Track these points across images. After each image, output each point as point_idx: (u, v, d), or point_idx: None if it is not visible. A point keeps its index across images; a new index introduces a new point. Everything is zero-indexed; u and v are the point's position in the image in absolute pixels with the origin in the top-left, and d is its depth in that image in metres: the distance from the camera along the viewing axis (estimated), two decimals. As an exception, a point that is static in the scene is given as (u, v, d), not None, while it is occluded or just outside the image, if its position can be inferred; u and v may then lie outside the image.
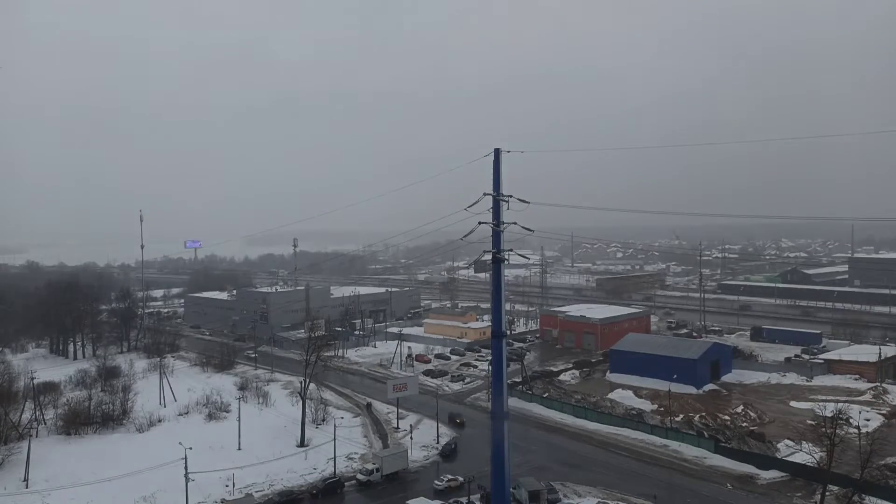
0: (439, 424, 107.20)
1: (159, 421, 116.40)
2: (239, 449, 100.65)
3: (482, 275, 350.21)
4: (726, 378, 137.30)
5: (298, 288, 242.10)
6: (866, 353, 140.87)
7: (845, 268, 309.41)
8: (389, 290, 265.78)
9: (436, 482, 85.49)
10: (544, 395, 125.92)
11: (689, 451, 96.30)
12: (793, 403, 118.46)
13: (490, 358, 77.06)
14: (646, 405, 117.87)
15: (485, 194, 64.01)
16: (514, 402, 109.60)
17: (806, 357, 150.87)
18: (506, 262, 65.36)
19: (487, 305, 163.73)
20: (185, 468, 77.20)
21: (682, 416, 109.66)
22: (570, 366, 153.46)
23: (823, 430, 75.84)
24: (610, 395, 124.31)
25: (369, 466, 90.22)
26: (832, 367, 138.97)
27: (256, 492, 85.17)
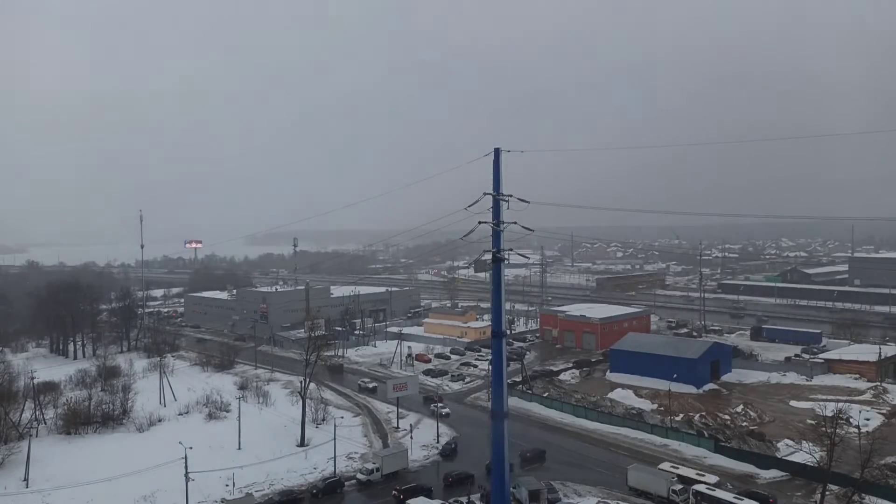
0: (439, 424, 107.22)
1: (159, 421, 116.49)
2: (239, 448, 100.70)
3: (482, 274, 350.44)
4: (726, 377, 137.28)
5: (298, 288, 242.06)
6: (866, 352, 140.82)
7: (845, 267, 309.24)
8: (389, 289, 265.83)
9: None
10: (544, 395, 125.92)
11: (689, 450, 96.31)
12: (793, 403, 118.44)
13: (490, 357, 77.06)
14: (646, 405, 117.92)
15: (485, 194, 63.95)
16: (514, 402, 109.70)
17: (806, 356, 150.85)
18: (506, 262, 65.36)
19: (487, 305, 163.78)
20: (185, 468, 77.21)
21: (682, 415, 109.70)
22: (570, 365, 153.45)
23: (823, 429, 75.89)
24: (610, 395, 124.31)
25: (369, 466, 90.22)
26: (832, 366, 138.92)
27: (256, 491, 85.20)
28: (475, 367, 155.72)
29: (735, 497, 74.14)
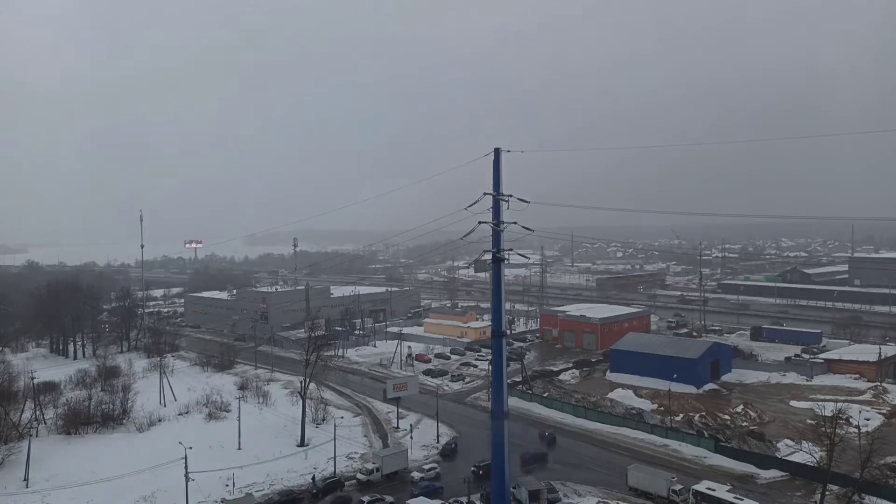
0: (439, 424, 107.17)
1: (159, 421, 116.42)
2: (239, 448, 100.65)
3: (482, 274, 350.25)
4: (726, 377, 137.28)
5: (298, 288, 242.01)
6: (866, 352, 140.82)
7: (845, 267, 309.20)
8: (389, 289, 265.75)
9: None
10: (544, 395, 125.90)
11: (689, 450, 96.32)
12: (793, 403, 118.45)
13: (490, 357, 77.05)
14: (646, 405, 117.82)
15: (485, 194, 63.91)
16: (514, 402, 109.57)
17: (806, 356, 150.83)
18: (506, 262, 65.34)
19: (487, 305, 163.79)
20: (185, 468, 77.15)
21: (682, 415, 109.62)
22: (570, 365, 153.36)
23: (823, 429, 75.86)
24: (610, 395, 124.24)
25: (369, 466, 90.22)
26: (832, 366, 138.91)
27: (256, 491, 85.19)
28: (475, 367, 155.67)
29: (735, 497, 74.14)
